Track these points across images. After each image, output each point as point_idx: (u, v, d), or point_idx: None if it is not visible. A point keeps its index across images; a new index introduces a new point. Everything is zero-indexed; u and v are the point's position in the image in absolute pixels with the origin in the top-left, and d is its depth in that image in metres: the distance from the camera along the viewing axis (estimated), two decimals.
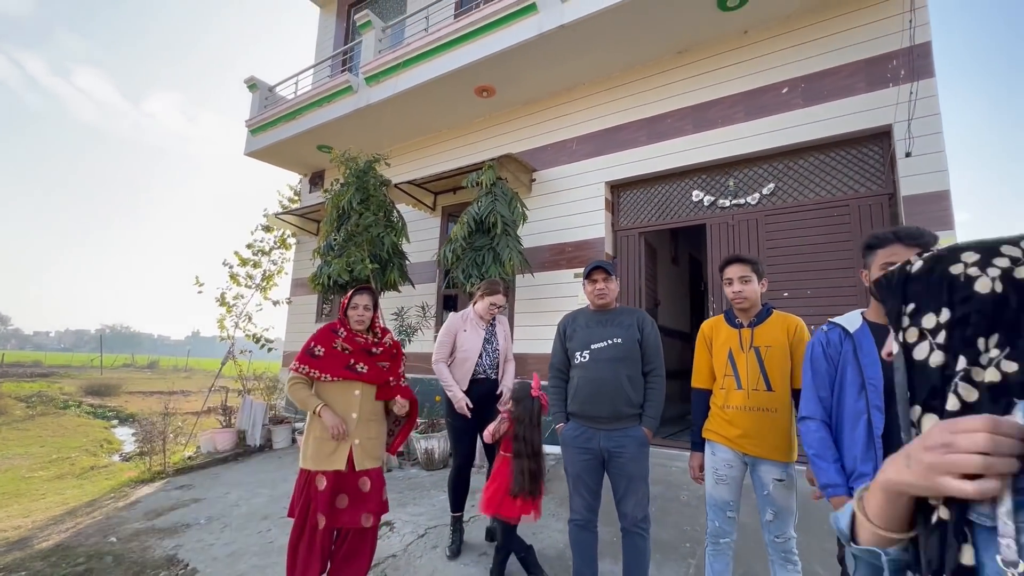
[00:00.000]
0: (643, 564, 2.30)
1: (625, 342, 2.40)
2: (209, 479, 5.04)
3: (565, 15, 4.76)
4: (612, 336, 2.42)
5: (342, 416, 2.47)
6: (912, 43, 3.74)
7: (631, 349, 2.40)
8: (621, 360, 2.37)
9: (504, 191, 4.94)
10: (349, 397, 2.53)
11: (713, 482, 2.19)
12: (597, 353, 2.41)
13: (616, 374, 2.35)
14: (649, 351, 2.44)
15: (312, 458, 2.42)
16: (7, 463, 7.63)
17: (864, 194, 4.19)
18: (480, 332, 3.21)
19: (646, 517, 2.34)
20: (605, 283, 2.49)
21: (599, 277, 2.48)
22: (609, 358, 2.38)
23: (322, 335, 2.59)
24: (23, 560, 3.26)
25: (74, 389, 17.61)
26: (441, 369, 3.16)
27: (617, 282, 2.59)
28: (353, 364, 2.55)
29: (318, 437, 2.44)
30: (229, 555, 3.20)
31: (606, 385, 2.35)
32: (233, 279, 7.48)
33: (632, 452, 2.32)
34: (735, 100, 4.72)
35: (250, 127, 7.98)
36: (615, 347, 2.39)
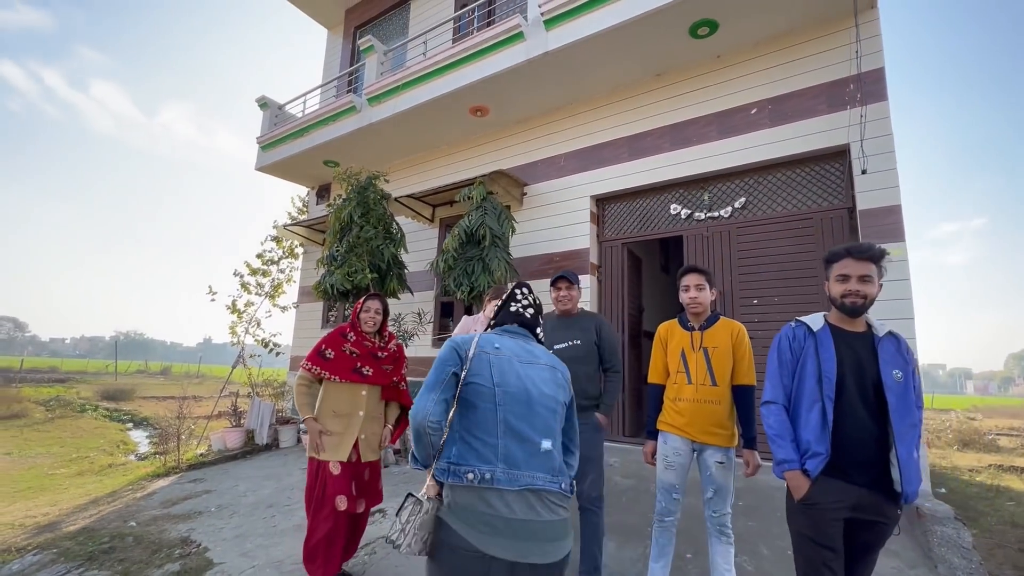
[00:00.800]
0: (598, 537, 2.62)
1: (584, 344, 2.75)
2: (220, 473, 5.40)
3: (549, 43, 5.14)
4: (572, 338, 2.76)
5: (350, 413, 2.78)
6: (859, 71, 4.06)
7: (589, 350, 2.75)
8: (579, 359, 2.71)
9: (494, 205, 5.29)
10: (356, 397, 2.82)
11: (663, 467, 2.46)
12: (559, 353, 2.73)
13: (573, 371, 2.67)
14: (606, 351, 2.78)
15: (320, 449, 2.72)
16: (31, 462, 8.07)
17: (826, 208, 4.49)
18: None
19: (600, 496, 2.66)
20: (568, 291, 2.83)
21: (563, 286, 2.83)
22: (569, 357, 2.69)
23: (332, 338, 2.86)
24: (54, 540, 3.63)
25: (90, 394, 18.16)
26: None
27: (579, 290, 2.92)
28: (360, 367, 2.83)
29: (326, 431, 2.73)
30: (237, 536, 3.54)
31: None
32: (244, 287, 7.90)
33: (588, 436, 2.63)
34: (709, 120, 5.05)
35: (261, 143, 8.44)
36: (574, 348, 2.74)
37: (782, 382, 1.88)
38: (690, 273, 2.52)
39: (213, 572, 3.03)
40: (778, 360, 1.92)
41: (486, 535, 1.31)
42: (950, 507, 3.23)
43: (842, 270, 1.81)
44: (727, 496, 2.35)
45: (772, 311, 4.52)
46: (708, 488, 2.37)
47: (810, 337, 1.86)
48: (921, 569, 2.80)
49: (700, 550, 2.92)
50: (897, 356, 1.77)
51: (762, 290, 4.64)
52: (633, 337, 5.67)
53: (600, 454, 2.73)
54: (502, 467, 1.37)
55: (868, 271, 1.77)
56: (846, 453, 1.71)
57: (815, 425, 1.73)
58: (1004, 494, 4.95)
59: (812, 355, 1.82)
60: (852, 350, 1.79)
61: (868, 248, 1.80)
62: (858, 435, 1.71)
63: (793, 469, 1.76)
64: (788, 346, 1.91)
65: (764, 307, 4.57)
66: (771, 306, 4.55)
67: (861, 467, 1.70)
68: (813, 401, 1.76)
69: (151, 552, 3.36)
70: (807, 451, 1.74)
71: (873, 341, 1.81)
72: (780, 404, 1.86)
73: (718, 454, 2.34)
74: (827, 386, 1.74)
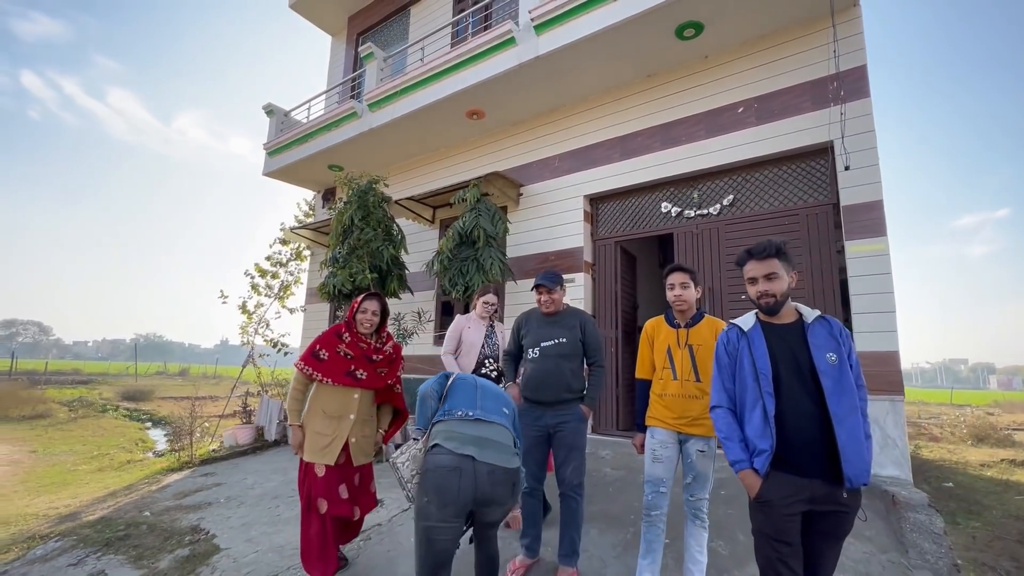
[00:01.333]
0: (577, 522, 2.75)
1: (569, 341, 2.88)
2: (230, 468, 5.65)
3: (540, 47, 5.27)
4: (558, 336, 2.90)
5: (340, 415, 2.75)
6: (838, 70, 4.13)
7: (574, 346, 2.88)
8: (564, 356, 2.85)
9: (488, 206, 5.45)
10: (348, 400, 2.77)
11: (651, 461, 2.52)
12: (545, 350, 2.89)
13: (559, 367, 2.84)
14: (591, 347, 2.92)
15: (308, 450, 2.70)
16: (55, 459, 8.44)
17: (812, 204, 4.57)
18: (481, 330, 3.65)
19: (581, 484, 2.79)
20: (549, 295, 2.94)
21: (543, 291, 2.94)
22: (555, 354, 2.87)
23: (327, 338, 2.82)
24: (74, 528, 3.88)
25: (111, 395, 18.72)
26: (448, 360, 3.59)
27: (562, 290, 3.03)
28: (353, 370, 2.77)
29: (316, 432, 2.70)
30: (243, 525, 3.76)
31: (551, 376, 2.84)
32: (254, 289, 8.17)
33: (572, 426, 2.80)
34: (698, 119, 5.15)
35: (268, 149, 8.70)
36: (560, 345, 2.88)
37: (723, 385, 1.92)
38: (675, 272, 2.59)
39: (219, 556, 3.23)
40: (717, 365, 1.97)
41: (459, 443, 1.98)
42: (925, 495, 3.31)
43: (750, 273, 1.91)
44: (706, 483, 2.46)
45: None
46: (688, 474, 2.48)
47: (743, 337, 1.90)
48: (892, 554, 2.90)
49: (678, 536, 3.05)
50: (829, 339, 1.80)
51: None
52: (627, 334, 5.78)
53: (583, 444, 2.86)
54: (480, 411, 2.12)
55: (772, 268, 1.86)
56: (791, 446, 1.72)
57: (758, 422, 1.76)
58: (1013, 488, 4.93)
59: (746, 354, 1.86)
60: (783, 342, 1.83)
61: (765, 247, 1.90)
62: (802, 425, 1.72)
63: (743, 468, 1.78)
64: (724, 350, 1.95)
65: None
66: None
67: (810, 458, 1.70)
68: (755, 399, 1.78)
69: (163, 539, 3.59)
70: (754, 449, 1.77)
71: (803, 328, 1.85)
72: (725, 407, 1.89)
73: (700, 443, 2.44)
74: (764, 382, 1.78)
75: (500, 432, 2.09)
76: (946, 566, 2.80)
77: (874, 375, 3.88)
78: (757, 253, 1.90)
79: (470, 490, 1.89)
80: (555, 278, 2.95)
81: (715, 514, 3.19)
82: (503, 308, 6.29)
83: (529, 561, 2.84)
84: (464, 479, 1.89)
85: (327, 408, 2.77)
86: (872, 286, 3.99)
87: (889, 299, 3.91)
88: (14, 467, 7.71)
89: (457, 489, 1.88)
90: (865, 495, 3.35)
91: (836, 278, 4.32)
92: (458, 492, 1.88)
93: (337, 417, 2.76)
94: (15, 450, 9.21)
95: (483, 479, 1.91)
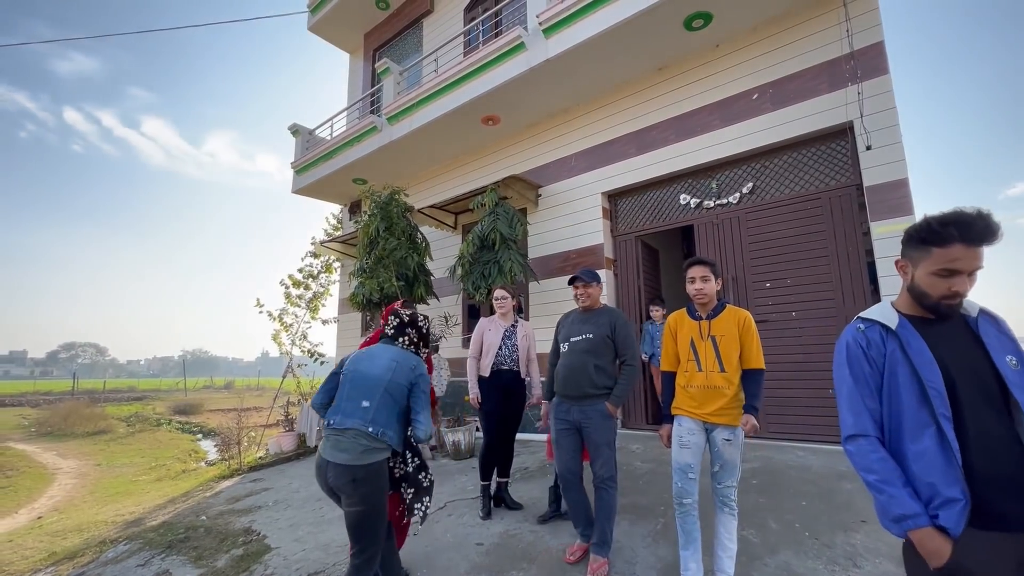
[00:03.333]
0: (608, 514, 2.83)
1: (595, 337, 2.95)
2: (276, 474, 5.94)
3: (549, 50, 5.35)
4: (586, 332, 2.98)
5: None
6: (852, 49, 4.05)
7: (601, 342, 2.94)
8: (589, 351, 2.92)
9: (505, 209, 5.56)
10: None
11: (678, 447, 2.53)
12: (573, 345, 2.99)
13: (584, 362, 2.92)
14: (620, 344, 2.96)
15: None
16: (117, 471, 9.02)
17: (834, 187, 4.49)
18: (500, 331, 3.81)
19: (611, 477, 2.86)
20: (584, 289, 3.05)
21: (579, 286, 3.06)
22: (581, 349, 2.95)
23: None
24: (139, 532, 4.19)
25: (164, 409, 19.75)
26: (471, 365, 3.82)
27: (598, 286, 3.11)
28: None
29: None
30: (291, 525, 3.98)
31: (575, 370, 2.92)
32: (288, 299, 8.53)
33: (596, 423, 2.86)
34: (712, 109, 5.12)
35: (295, 168, 9.07)
36: (586, 341, 2.96)
37: (865, 405, 1.39)
38: (695, 266, 2.59)
39: (271, 555, 3.44)
40: (852, 377, 1.42)
41: (323, 447, 2.38)
42: None
43: (958, 263, 1.31)
44: (733, 471, 2.47)
45: (785, 294, 4.56)
46: (715, 462, 2.49)
47: (890, 338, 1.39)
48: None
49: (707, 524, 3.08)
50: (1003, 338, 1.34)
51: (774, 273, 4.68)
52: None
53: (610, 440, 2.90)
54: (339, 417, 2.39)
55: (980, 261, 1.33)
56: (985, 487, 1.21)
57: (933, 458, 1.25)
58: None
59: (902, 362, 1.35)
60: (949, 344, 1.34)
61: (995, 229, 1.31)
62: (997, 457, 1.22)
63: (920, 526, 1.24)
64: (862, 353, 1.42)
65: (777, 290, 4.62)
66: (784, 288, 4.59)
67: (1017, 502, 1.19)
68: (921, 424, 1.29)
69: (219, 540, 3.84)
70: (933, 498, 1.25)
71: (969, 324, 1.36)
72: (871, 436, 1.37)
73: (726, 432, 2.45)
74: (938, 401, 1.27)
75: (350, 435, 2.35)
76: None
77: None
78: (977, 237, 1.27)
79: (323, 482, 2.37)
80: (591, 274, 3.07)
81: (746, 502, 3.19)
82: (528, 308, 6.39)
83: (586, 545, 2.95)
84: (319, 475, 2.38)
85: None
86: None
87: None
88: (82, 479, 8.29)
89: (322, 481, 2.38)
90: None
91: (863, 262, 4.24)
92: (323, 483, 2.38)
93: None
94: (82, 464, 9.88)
95: (330, 474, 2.32)
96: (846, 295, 4.29)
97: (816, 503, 3.27)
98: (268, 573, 3.18)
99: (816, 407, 4.27)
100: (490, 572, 2.88)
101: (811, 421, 4.30)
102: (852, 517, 3.09)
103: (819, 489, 3.43)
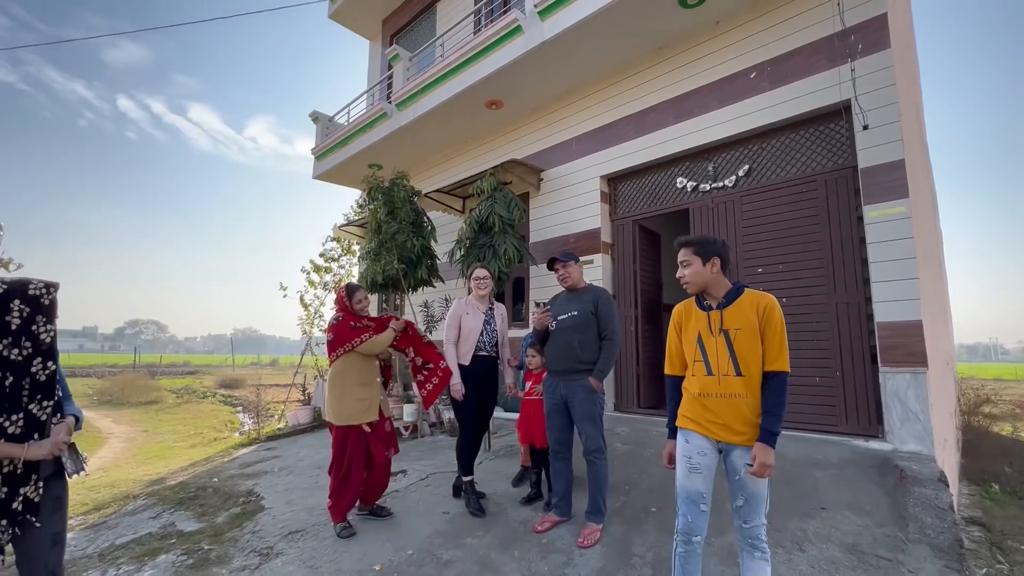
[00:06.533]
0: (598, 484, 2.98)
1: (580, 315, 3.07)
2: (289, 443, 6.36)
3: (545, 32, 5.32)
4: (571, 310, 3.12)
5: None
6: (844, 26, 3.85)
7: (585, 319, 3.06)
8: (574, 328, 3.06)
9: (504, 194, 5.63)
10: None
11: (686, 471, 2.05)
12: (560, 323, 3.13)
13: (569, 339, 3.05)
14: (603, 320, 3.06)
15: (352, 416, 3.30)
16: (160, 437, 9.81)
17: (831, 168, 4.32)
18: (480, 315, 3.70)
19: (599, 449, 2.99)
20: (564, 269, 3.19)
21: (558, 267, 3.20)
22: (567, 327, 3.09)
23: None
24: (158, 490, 4.64)
25: (211, 384, 21.13)
26: (450, 351, 3.63)
27: (577, 265, 3.23)
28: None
29: (358, 399, 3.31)
30: (286, 490, 4.31)
31: (561, 347, 3.08)
32: (311, 284, 8.95)
33: (581, 397, 3.00)
34: (710, 89, 4.98)
35: (315, 154, 9.40)
36: (572, 318, 3.09)
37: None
38: (679, 249, 2.17)
39: (263, 514, 3.76)
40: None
41: None
42: (937, 470, 3.14)
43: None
44: (761, 504, 1.98)
45: (776, 279, 4.46)
46: (737, 495, 2.00)
47: None
48: (890, 527, 2.82)
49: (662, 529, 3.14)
50: None
51: (767, 258, 4.57)
52: (648, 312, 5.77)
53: (594, 413, 3.01)
54: None
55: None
56: None
57: None
58: None
59: None
60: None
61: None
62: None
63: None
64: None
65: (768, 275, 4.52)
66: (775, 273, 4.49)
67: None
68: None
69: (224, 500, 4.21)
70: None
71: None
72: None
73: (747, 455, 1.95)
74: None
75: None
76: (947, 541, 2.69)
77: (895, 347, 3.68)
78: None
79: None
80: (568, 255, 3.21)
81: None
82: (528, 291, 6.49)
83: (556, 519, 3.11)
84: None
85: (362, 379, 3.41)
86: (892, 252, 3.75)
87: (910, 265, 3.66)
88: (129, 443, 9.08)
89: None
90: (876, 471, 3.26)
91: (857, 247, 4.08)
92: None
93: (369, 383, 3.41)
94: (131, 430, 10.80)
95: None
96: (837, 282, 4.16)
97: (780, 489, 3.26)
98: (256, 529, 3.48)
99: (802, 394, 4.20)
100: (447, 537, 3.07)
101: (796, 408, 4.23)
102: (813, 504, 3.09)
103: (787, 476, 3.41)
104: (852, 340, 4.04)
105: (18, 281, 1.77)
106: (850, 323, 4.07)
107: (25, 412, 1.76)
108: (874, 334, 3.84)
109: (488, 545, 2.95)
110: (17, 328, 1.73)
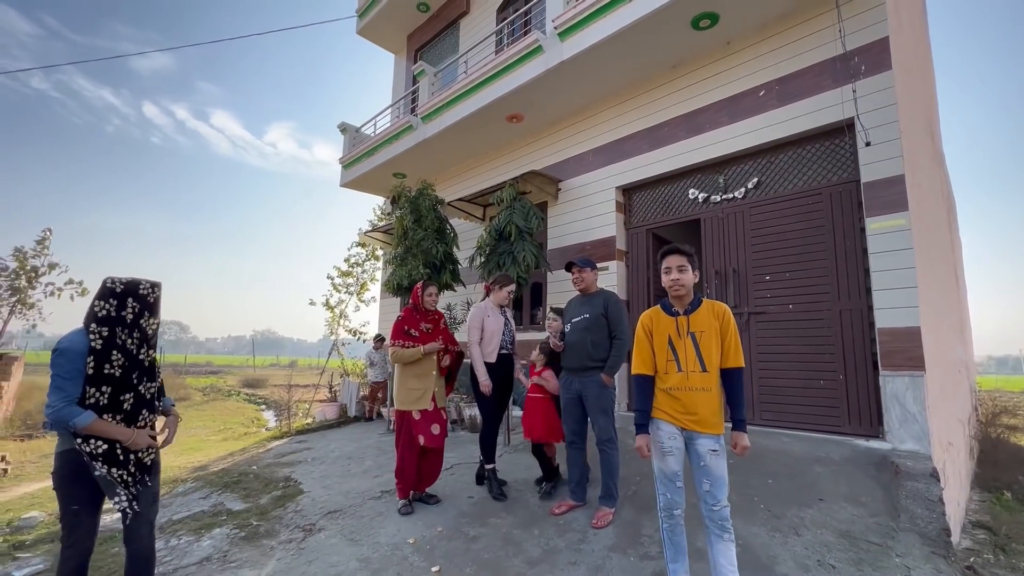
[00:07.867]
0: (610, 471, 3.28)
1: (591, 317, 3.40)
2: (318, 437, 6.74)
3: (564, 52, 5.65)
4: (584, 312, 3.45)
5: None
6: (844, 50, 4.09)
7: (596, 321, 3.38)
8: (587, 329, 3.38)
9: (522, 203, 5.96)
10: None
11: (661, 455, 2.32)
12: (575, 324, 3.46)
13: (583, 339, 3.37)
14: (613, 321, 3.38)
15: (404, 402, 3.60)
16: (192, 432, 10.29)
17: (835, 182, 4.55)
18: (500, 317, 4.09)
19: (610, 439, 3.30)
20: (579, 273, 3.51)
21: (574, 271, 3.53)
22: (581, 328, 3.42)
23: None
24: (203, 476, 5.03)
25: (235, 383, 21.79)
26: (475, 351, 3.93)
27: (592, 271, 3.55)
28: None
29: (411, 388, 3.62)
30: (322, 476, 4.66)
31: (576, 346, 3.41)
32: (336, 288, 9.38)
33: (594, 392, 3.31)
34: (721, 105, 5.25)
35: (343, 163, 9.86)
36: (584, 320, 3.42)
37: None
38: (671, 255, 2.40)
39: (302, 496, 4.12)
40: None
41: None
42: (930, 465, 3.34)
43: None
44: (723, 486, 2.24)
45: (783, 286, 4.69)
46: (703, 481, 2.25)
47: None
48: (882, 517, 3.04)
49: None
50: None
51: (774, 266, 4.81)
52: None
53: (606, 407, 3.33)
54: None
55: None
56: None
57: None
58: None
59: None
60: None
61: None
62: None
63: None
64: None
65: (776, 283, 4.75)
66: (782, 281, 4.72)
67: None
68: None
69: (264, 484, 4.58)
70: None
71: None
72: None
73: (710, 442, 2.25)
74: None
75: None
76: (935, 530, 2.90)
77: (895, 351, 3.89)
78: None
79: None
80: (585, 261, 3.52)
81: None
82: (545, 296, 6.79)
83: (572, 503, 3.41)
84: None
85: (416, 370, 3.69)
86: (893, 262, 3.97)
87: (910, 275, 3.87)
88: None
89: None
90: (874, 467, 3.47)
91: (860, 257, 4.30)
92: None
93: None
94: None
95: None
96: (841, 290, 4.38)
97: (782, 482, 3.51)
98: (298, 508, 3.84)
99: (807, 396, 4.42)
100: (472, 517, 3.38)
101: (801, 410, 4.46)
102: (812, 496, 3.32)
103: (790, 471, 3.65)
104: (855, 345, 4.26)
105: (131, 281, 2.14)
106: (853, 329, 4.28)
107: (134, 392, 2.13)
108: (875, 340, 4.06)
109: (510, 524, 3.25)
110: (131, 321, 2.10)
